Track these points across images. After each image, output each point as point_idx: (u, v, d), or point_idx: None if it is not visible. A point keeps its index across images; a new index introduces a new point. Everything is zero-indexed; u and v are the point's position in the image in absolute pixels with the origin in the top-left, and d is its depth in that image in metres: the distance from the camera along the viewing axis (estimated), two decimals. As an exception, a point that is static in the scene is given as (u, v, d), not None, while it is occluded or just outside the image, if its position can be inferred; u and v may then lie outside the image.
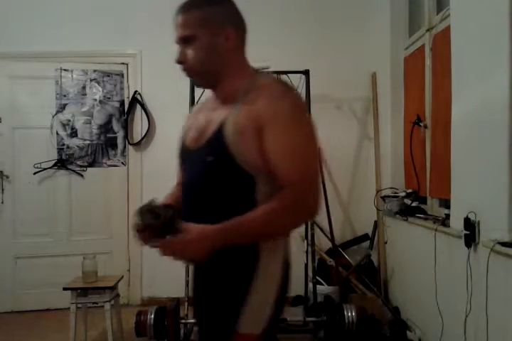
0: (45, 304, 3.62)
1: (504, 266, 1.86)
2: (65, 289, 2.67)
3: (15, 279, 3.64)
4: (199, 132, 1.31)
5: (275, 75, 3.03)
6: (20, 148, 3.66)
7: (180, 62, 1.28)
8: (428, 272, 2.63)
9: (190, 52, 1.26)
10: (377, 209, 3.53)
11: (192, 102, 3.13)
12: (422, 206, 3.06)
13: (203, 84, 1.39)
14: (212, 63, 1.28)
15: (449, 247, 2.41)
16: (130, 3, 3.80)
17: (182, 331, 2.78)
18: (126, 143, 3.81)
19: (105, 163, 3.80)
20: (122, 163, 3.82)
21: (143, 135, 3.77)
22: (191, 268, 1.70)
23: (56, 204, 3.71)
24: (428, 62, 3.01)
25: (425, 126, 3.03)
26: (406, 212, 3.03)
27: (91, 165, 3.76)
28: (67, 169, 3.71)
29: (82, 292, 2.71)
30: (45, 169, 3.66)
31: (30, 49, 3.68)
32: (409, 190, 3.18)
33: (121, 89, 3.81)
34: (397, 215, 3.14)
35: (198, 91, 3.13)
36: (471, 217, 2.10)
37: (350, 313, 2.63)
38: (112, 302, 2.78)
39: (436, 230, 2.50)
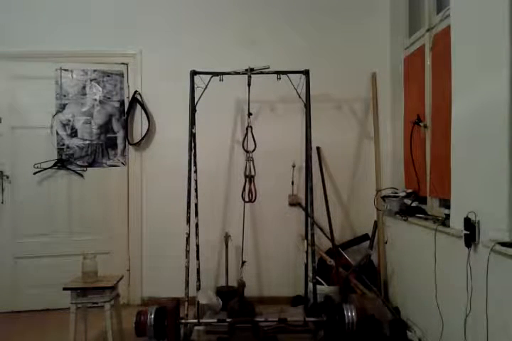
0: (45, 304, 3.63)
1: (504, 266, 1.86)
2: (65, 289, 2.67)
3: (15, 279, 3.65)
4: None
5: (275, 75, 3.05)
6: (20, 148, 3.66)
7: None
8: (428, 272, 2.63)
9: None
10: (377, 209, 3.54)
11: (192, 102, 3.13)
12: (422, 206, 3.06)
13: None
14: None
15: (449, 247, 2.41)
16: (130, 4, 3.80)
17: (182, 331, 2.78)
18: (126, 143, 3.81)
19: (105, 163, 3.80)
20: (122, 163, 3.82)
21: (143, 135, 3.77)
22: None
23: (56, 204, 3.72)
24: (428, 62, 3.01)
25: (425, 126, 3.03)
26: (406, 212, 3.03)
27: (91, 165, 3.76)
28: (67, 169, 3.71)
29: (82, 292, 2.71)
30: (45, 169, 3.66)
31: (30, 49, 3.69)
32: (409, 190, 3.18)
33: (121, 89, 3.81)
34: (397, 215, 3.14)
35: (198, 91, 3.13)
36: (471, 217, 2.10)
37: (350, 313, 2.63)
38: (112, 302, 2.78)
39: (436, 230, 2.50)
